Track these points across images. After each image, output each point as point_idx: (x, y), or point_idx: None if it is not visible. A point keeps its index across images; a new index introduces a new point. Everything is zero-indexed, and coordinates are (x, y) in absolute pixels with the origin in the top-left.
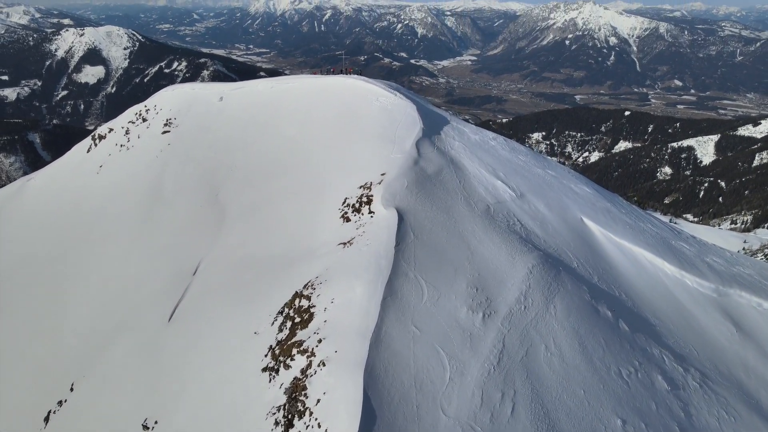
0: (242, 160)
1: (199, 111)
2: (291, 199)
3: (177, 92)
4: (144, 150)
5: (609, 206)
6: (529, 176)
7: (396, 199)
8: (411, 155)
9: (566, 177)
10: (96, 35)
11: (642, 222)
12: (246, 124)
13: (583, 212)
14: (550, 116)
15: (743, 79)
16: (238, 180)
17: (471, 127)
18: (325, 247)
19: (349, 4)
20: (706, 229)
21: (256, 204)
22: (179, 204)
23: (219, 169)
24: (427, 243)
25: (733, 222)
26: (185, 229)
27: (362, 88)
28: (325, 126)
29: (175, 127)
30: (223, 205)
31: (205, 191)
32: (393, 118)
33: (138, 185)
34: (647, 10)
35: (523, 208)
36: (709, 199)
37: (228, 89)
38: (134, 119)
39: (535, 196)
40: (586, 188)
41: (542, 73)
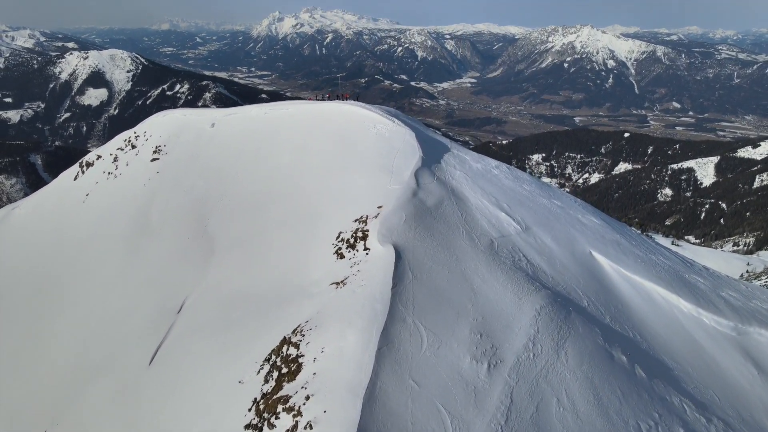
0: (233, 189)
1: (189, 138)
2: (283, 231)
3: (168, 118)
4: (132, 178)
5: (618, 238)
6: (535, 207)
7: (393, 234)
8: (409, 186)
9: (573, 207)
10: (100, 58)
11: (653, 254)
12: (238, 151)
13: (592, 245)
14: (549, 138)
15: (741, 101)
16: (228, 210)
17: (472, 154)
18: (316, 286)
19: (350, 28)
20: (709, 251)
21: (247, 236)
22: (166, 235)
23: (209, 198)
24: (427, 283)
25: (735, 244)
26: (172, 263)
27: (359, 115)
28: (320, 154)
29: (164, 155)
30: (211, 237)
31: (194, 222)
32: (391, 146)
33: (124, 215)
34: (644, 33)
35: (529, 242)
36: (711, 220)
37: (220, 115)
38: (123, 146)
39: (541, 228)
40: (594, 219)
41: (541, 95)
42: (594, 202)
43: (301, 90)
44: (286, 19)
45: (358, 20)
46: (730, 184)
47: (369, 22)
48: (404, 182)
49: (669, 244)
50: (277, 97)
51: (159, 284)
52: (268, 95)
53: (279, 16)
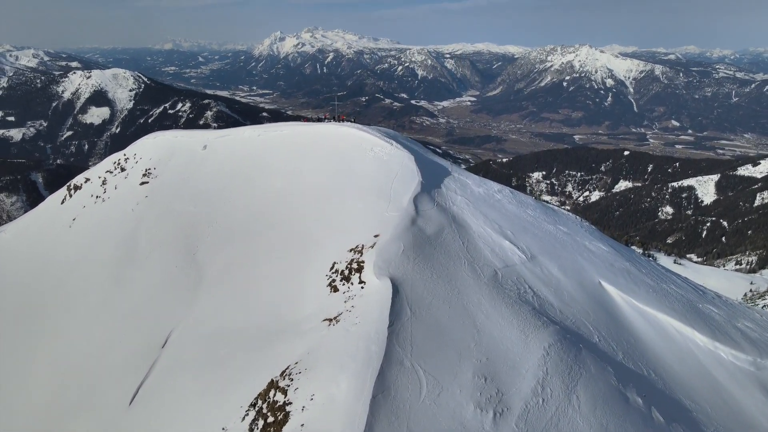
0: (224, 215)
1: (180, 160)
2: (275, 260)
3: (158, 140)
4: (120, 202)
5: (628, 266)
6: (540, 234)
7: (390, 266)
8: (408, 213)
9: (579, 233)
10: (102, 77)
11: (664, 283)
12: (230, 174)
13: (601, 275)
14: (550, 156)
15: (740, 119)
16: (218, 237)
17: (474, 178)
18: (308, 322)
19: (351, 48)
20: (711, 270)
21: (237, 265)
22: (154, 263)
23: (198, 224)
24: (427, 321)
25: (738, 262)
26: (158, 293)
27: (355, 137)
28: (315, 178)
29: (154, 178)
30: (200, 266)
31: (182, 249)
32: (389, 170)
33: (111, 241)
34: (642, 53)
35: (535, 272)
36: (712, 239)
37: (212, 137)
38: (112, 168)
39: (547, 257)
40: (602, 246)
41: (541, 114)
42: (595, 220)
43: (302, 108)
44: (287, 38)
45: (359, 40)
46: (731, 203)
47: (370, 42)
48: (402, 209)
49: (671, 262)
50: (278, 116)
51: (144, 316)
52: (269, 113)
53: (280, 36)
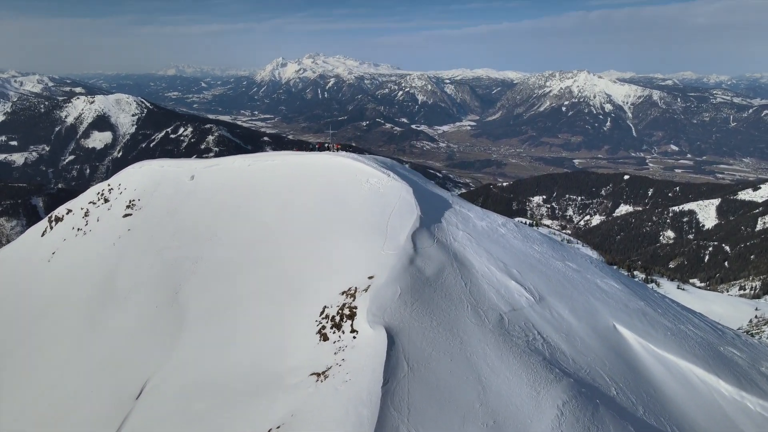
0: (210, 251)
1: (166, 191)
2: (261, 302)
3: (144, 170)
4: (101, 236)
5: (643, 306)
6: (548, 272)
7: (386, 313)
8: (406, 252)
9: (590, 270)
10: (106, 102)
11: (682, 324)
12: (218, 207)
13: (616, 317)
14: (550, 180)
15: (738, 144)
16: (203, 275)
17: (476, 210)
18: (294, 375)
19: (351, 73)
20: (716, 296)
21: (221, 307)
22: (133, 304)
23: (183, 261)
24: (426, 377)
25: (741, 288)
26: (135, 338)
27: (350, 168)
28: (306, 212)
29: (138, 210)
30: (182, 307)
31: (164, 289)
32: (385, 204)
33: (89, 279)
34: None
35: (545, 316)
36: (715, 263)
37: (200, 167)
38: (95, 199)
39: (557, 298)
40: (614, 283)
41: (540, 138)
42: (596, 245)
43: (304, 133)
44: (289, 64)
45: (360, 65)
46: (732, 227)
47: (370, 68)
48: (400, 246)
49: (674, 288)
50: (279, 140)
51: (119, 362)
52: (270, 138)
53: (282, 62)
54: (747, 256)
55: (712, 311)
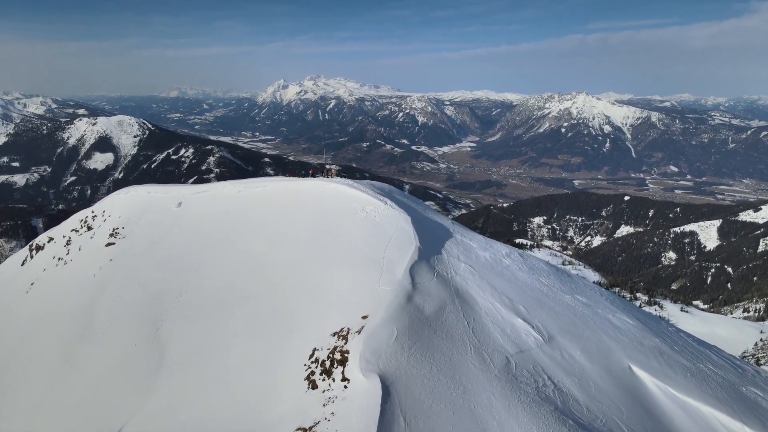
0: (195, 284)
1: (152, 219)
2: (247, 342)
3: (130, 196)
4: (82, 266)
5: (658, 343)
6: (557, 308)
7: (380, 360)
8: (403, 287)
9: (600, 304)
10: (108, 124)
11: (701, 362)
12: (205, 236)
13: (631, 357)
14: (550, 201)
15: (738, 165)
16: (186, 310)
17: (479, 239)
18: (280, 427)
19: (352, 95)
20: (720, 319)
21: (204, 346)
22: (111, 340)
23: (166, 294)
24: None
25: (745, 310)
26: (112, 378)
27: (345, 195)
28: (298, 243)
29: (121, 239)
30: (163, 345)
31: (145, 324)
32: (382, 234)
33: (68, 312)
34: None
35: (555, 357)
36: (717, 285)
37: (189, 193)
38: (78, 227)
39: (567, 337)
40: (627, 318)
41: (540, 159)
42: (597, 266)
43: (304, 154)
44: (290, 86)
45: (361, 87)
46: (734, 248)
47: (371, 89)
48: (397, 281)
49: (678, 310)
50: (280, 161)
51: (94, 406)
52: (271, 159)
53: (283, 84)
54: (750, 277)
55: (717, 334)
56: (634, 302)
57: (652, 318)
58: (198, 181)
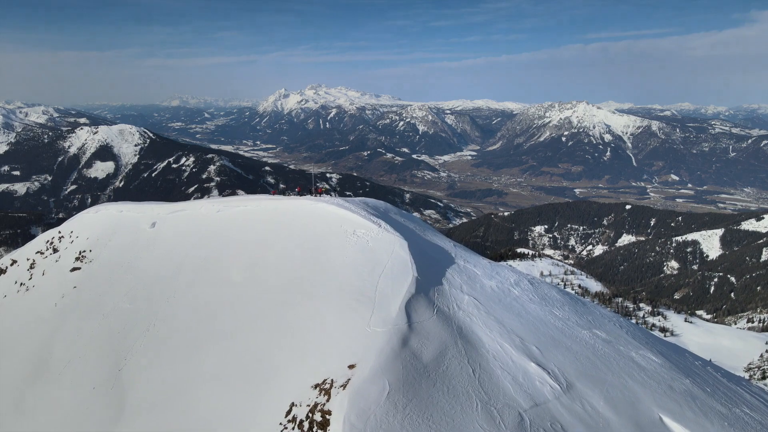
0: (165, 317)
1: (123, 241)
2: (217, 389)
3: (101, 215)
4: (44, 294)
5: (689, 385)
6: (575, 347)
7: (369, 424)
8: (398, 328)
9: (622, 339)
10: (109, 133)
11: (736, 405)
12: (179, 262)
13: (661, 405)
14: (551, 209)
15: (739, 174)
16: (153, 347)
17: (483, 264)
18: None
19: (353, 104)
20: (724, 329)
21: (169, 392)
22: (67, 383)
23: (132, 327)
24: None
25: (749, 320)
26: (65, 428)
27: (334, 217)
28: (280, 271)
29: (88, 263)
30: (124, 389)
31: (106, 364)
32: (375, 262)
33: (23, 348)
34: (638, 109)
35: (575, 410)
36: (721, 294)
37: (164, 212)
38: (44, 249)
39: (588, 383)
40: (652, 356)
41: (541, 168)
42: (599, 275)
43: (305, 162)
44: (291, 95)
45: (361, 96)
46: (737, 257)
47: (372, 98)
48: (390, 320)
49: (682, 321)
50: (281, 169)
51: None
52: (272, 167)
53: (285, 93)
54: (753, 287)
55: (722, 345)
56: (637, 312)
57: (677, 351)
58: (199, 189)
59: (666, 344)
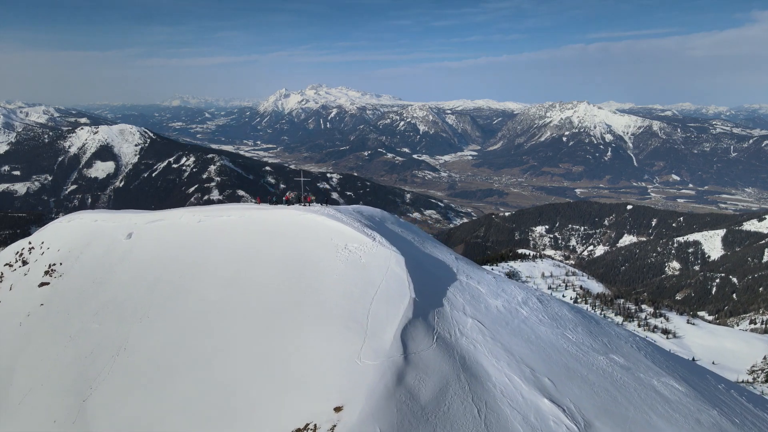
0: (137, 339)
1: (96, 253)
2: (187, 426)
3: (74, 225)
4: (10, 312)
5: (717, 417)
6: (591, 376)
7: None
8: (392, 362)
9: (641, 364)
10: (109, 132)
11: None
12: (155, 277)
13: None
14: (552, 210)
15: (740, 174)
16: (121, 374)
17: (488, 281)
18: None
19: (353, 104)
20: (727, 331)
21: (134, 428)
22: (26, 416)
23: (101, 351)
24: None
25: (752, 321)
26: None
27: (324, 229)
28: (263, 291)
29: (58, 277)
30: (87, 424)
31: (70, 393)
32: (367, 281)
33: None
34: (639, 109)
35: None
36: (723, 295)
37: (141, 222)
38: (13, 260)
39: (609, 422)
40: (675, 384)
41: (541, 168)
42: (601, 276)
43: (305, 162)
44: (292, 95)
45: (362, 96)
46: (738, 258)
47: (372, 98)
48: (384, 351)
49: (684, 322)
50: (281, 169)
51: None
52: (272, 167)
53: (285, 93)
54: (755, 288)
55: (725, 348)
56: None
57: (698, 373)
58: (199, 189)
59: (685, 364)
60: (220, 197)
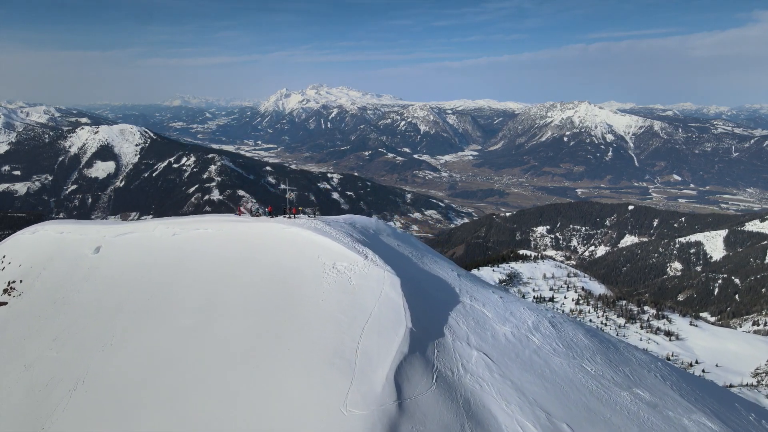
0: (97, 370)
1: (59, 269)
2: None
3: (38, 237)
4: None
5: None
6: (615, 418)
7: None
8: (383, 411)
9: (669, 399)
10: (110, 132)
11: None
12: (123, 297)
13: None
14: (553, 210)
15: (741, 174)
16: (78, 411)
17: (495, 302)
18: None
19: (354, 104)
20: (730, 333)
21: None
22: None
23: (57, 384)
24: None
25: (755, 323)
26: None
27: (310, 246)
28: (239, 318)
29: (17, 296)
30: None
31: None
32: (358, 307)
33: None
34: (640, 109)
35: None
36: (725, 296)
37: (111, 234)
38: None
39: None
40: (707, 421)
41: (542, 168)
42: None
43: (306, 162)
44: (292, 95)
45: (363, 96)
46: (741, 259)
47: (373, 98)
48: (374, 398)
49: (687, 324)
50: (282, 169)
51: None
52: (273, 167)
53: (286, 93)
54: (758, 289)
55: (728, 350)
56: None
57: (726, 401)
58: (199, 189)
59: (713, 391)
60: (221, 197)
